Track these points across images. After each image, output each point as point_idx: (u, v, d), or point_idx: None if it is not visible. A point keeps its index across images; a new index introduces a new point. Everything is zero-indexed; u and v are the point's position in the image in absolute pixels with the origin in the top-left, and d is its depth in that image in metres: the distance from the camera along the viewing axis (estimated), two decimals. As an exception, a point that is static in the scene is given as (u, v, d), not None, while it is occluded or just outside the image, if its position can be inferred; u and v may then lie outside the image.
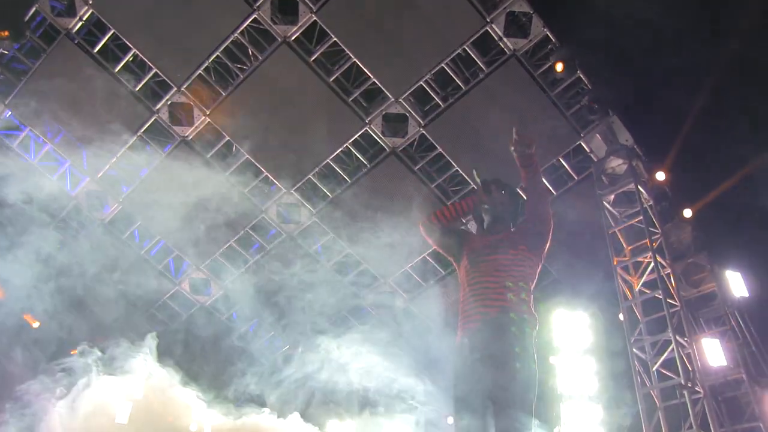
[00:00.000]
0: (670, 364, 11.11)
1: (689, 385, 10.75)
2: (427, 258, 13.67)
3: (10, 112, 12.59)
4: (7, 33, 11.84)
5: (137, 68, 12.30)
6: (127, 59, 12.06)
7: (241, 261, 14.10)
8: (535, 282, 3.99)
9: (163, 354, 13.59)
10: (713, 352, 11.27)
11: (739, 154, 11.25)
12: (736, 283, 12.08)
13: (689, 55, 11.52)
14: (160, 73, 12.12)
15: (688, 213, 12.26)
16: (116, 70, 12.09)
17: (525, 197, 4.13)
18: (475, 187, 4.22)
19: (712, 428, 10.41)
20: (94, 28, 11.96)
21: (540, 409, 3.74)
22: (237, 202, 13.16)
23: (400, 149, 12.72)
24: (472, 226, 4.47)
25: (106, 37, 11.84)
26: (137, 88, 12.27)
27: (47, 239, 13.48)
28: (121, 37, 11.75)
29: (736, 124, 11.62)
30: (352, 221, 12.85)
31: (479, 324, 3.77)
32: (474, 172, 4.26)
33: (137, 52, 11.87)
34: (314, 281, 13.26)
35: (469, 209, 4.17)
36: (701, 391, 10.76)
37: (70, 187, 13.28)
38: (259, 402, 14.02)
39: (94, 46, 11.92)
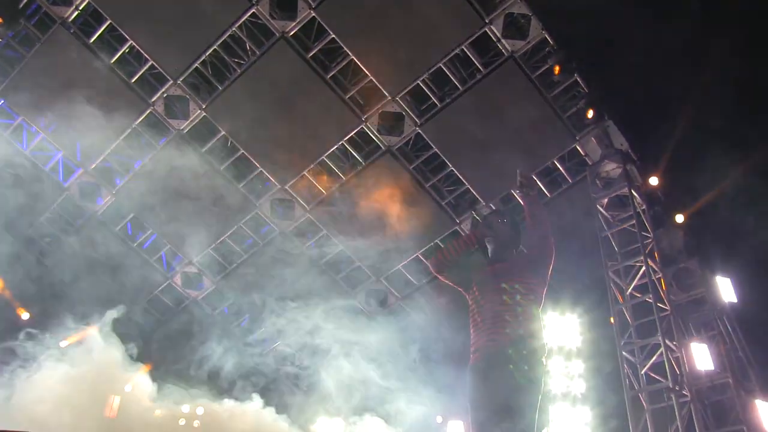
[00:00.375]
0: (658, 367, 11.20)
1: (677, 388, 10.86)
2: (420, 257, 13.69)
3: (2, 101, 12.49)
4: (1, 20, 11.73)
5: (133, 59, 12.23)
6: (123, 50, 11.96)
7: (234, 256, 14.06)
8: (541, 305, 4.20)
9: (152, 346, 13.58)
10: (701, 357, 11.37)
11: (733, 160, 11.34)
12: (726, 289, 12.20)
13: (687, 59, 11.65)
14: (157, 65, 12.04)
15: (680, 218, 12.35)
16: (112, 61, 12.00)
17: (528, 226, 4.37)
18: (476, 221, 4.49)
19: (698, 431, 10.53)
20: (90, 18, 11.85)
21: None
22: (231, 197, 13.13)
23: (395, 148, 12.73)
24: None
25: (103, 28, 11.74)
26: (133, 80, 12.19)
27: (38, 229, 13.45)
28: (117, 27, 11.67)
29: (731, 130, 11.71)
30: (345, 219, 12.85)
31: (487, 353, 3.97)
32: (473, 214, 4.58)
33: (134, 43, 11.79)
34: (306, 278, 13.25)
35: (471, 245, 4.39)
36: (688, 394, 10.87)
37: (62, 178, 13.19)
38: (244, 395, 14.00)
39: (89, 36, 11.82)
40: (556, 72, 11.93)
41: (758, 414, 11.12)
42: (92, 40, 11.83)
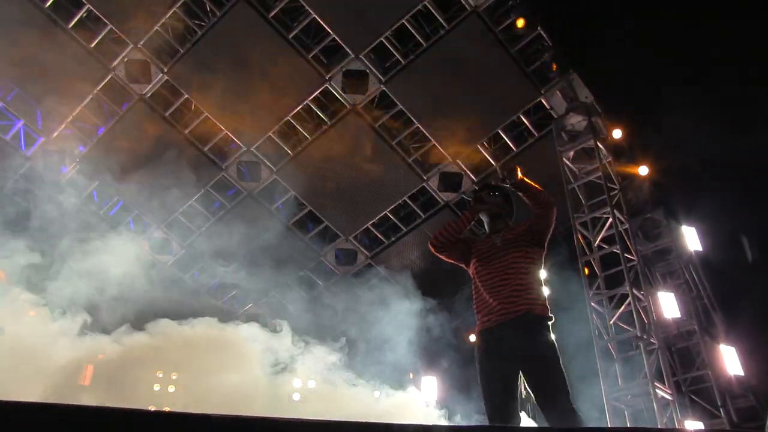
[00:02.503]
0: (626, 317, 11.34)
1: (645, 337, 11.01)
2: (389, 215, 13.70)
3: (-45, 71, 12.22)
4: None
5: (92, 24, 11.96)
6: (80, 14, 11.70)
7: (202, 220, 13.95)
8: (542, 270, 4.30)
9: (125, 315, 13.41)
10: (668, 305, 11.56)
11: (697, 110, 11.39)
12: (691, 238, 12.37)
13: (649, 11, 11.63)
14: (116, 30, 11.82)
15: (645, 170, 12.43)
16: (70, 25, 11.73)
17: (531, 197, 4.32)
18: (468, 199, 4.56)
19: (665, 377, 10.71)
20: (44, -18, 11.59)
21: None
22: (197, 160, 13.01)
23: (360, 106, 12.64)
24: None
25: (58, -9, 11.48)
26: (92, 45, 11.96)
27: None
28: (73, -10, 11.43)
29: (695, 80, 11.75)
30: (313, 179, 12.77)
31: (497, 324, 4.08)
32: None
33: (91, 7, 11.55)
34: (275, 239, 13.17)
35: (468, 222, 4.46)
36: (656, 342, 11.03)
37: (24, 147, 12.99)
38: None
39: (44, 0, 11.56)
40: (520, 26, 11.89)
41: (722, 358, 11.38)
42: (48, 4, 11.54)
